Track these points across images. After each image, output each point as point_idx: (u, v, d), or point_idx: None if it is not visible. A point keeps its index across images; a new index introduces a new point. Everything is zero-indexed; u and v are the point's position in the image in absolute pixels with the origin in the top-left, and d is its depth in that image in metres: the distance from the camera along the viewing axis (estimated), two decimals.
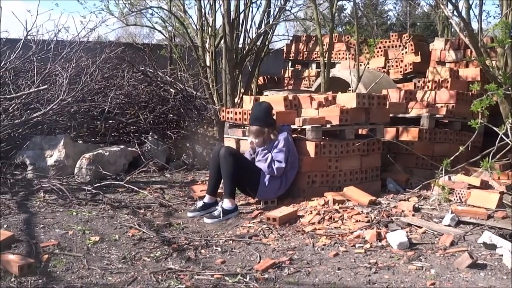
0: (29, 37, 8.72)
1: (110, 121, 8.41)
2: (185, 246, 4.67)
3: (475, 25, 7.44)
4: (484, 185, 5.98)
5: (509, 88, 6.14)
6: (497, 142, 5.75)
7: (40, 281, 3.80)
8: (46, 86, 7.74)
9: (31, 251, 4.35)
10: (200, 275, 3.99)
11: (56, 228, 5.06)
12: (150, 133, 8.65)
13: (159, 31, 12.19)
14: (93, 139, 8.43)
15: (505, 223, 4.93)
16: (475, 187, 5.90)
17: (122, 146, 7.93)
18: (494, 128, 5.77)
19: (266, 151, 5.94)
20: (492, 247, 4.38)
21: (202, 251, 4.58)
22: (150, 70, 9.88)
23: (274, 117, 6.12)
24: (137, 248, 4.61)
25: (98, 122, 8.26)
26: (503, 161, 6.77)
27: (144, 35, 33.78)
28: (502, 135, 5.67)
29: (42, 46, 8.93)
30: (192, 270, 4.07)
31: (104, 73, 9.01)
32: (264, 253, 4.51)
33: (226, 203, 5.63)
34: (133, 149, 8.10)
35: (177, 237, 4.94)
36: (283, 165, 5.84)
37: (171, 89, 9.55)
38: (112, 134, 8.37)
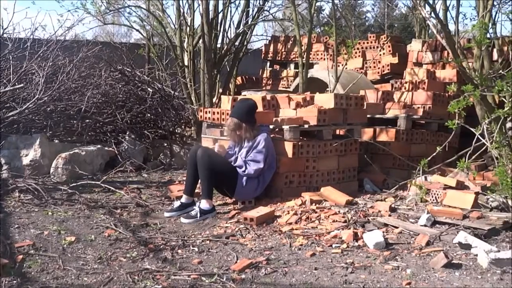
0: (5, 35, 8.63)
1: (87, 121, 8.34)
2: (161, 246, 4.64)
3: (452, 27, 7.50)
4: (460, 186, 6.03)
5: (485, 90, 6.19)
6: (473, 143, 5.79)
7: (15, 281, 3.75)
8: (22, 85, 7.67)
9: (6, 252, 4.29)
10: (177, 275, 3.97)
11: (31, 228, 5.00)
12: (127, 133, 8.60)
13: (137, 30, 12.17)
14: (69, 139, 8.35)
15: (480, 223, 4.97)
16: (451, 187, 5.94)
17: (99, 146, 7.87)
18: (471, 129, 5.82)
19: (247, 148, 5.94)
20: (467, 247, 4.41)
21: (179, 251, 4.55)
22: (128, 69, 9.82)
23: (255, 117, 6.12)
24: (113, 249, 4.58)
25: (75, 122, 8.19)
26: (478, 162, 6.83)
27: (122, 34, 33.66)
28: (479, 136, 5.72)
29: (19, 44, 8.83)
30: (169, 271, 4.05)
31: (81, 72, 8.94)
32: (241, 253, 4.50)
33: (204, 203, 5.61)
34: (110, 148, 8.05)
35: (153, 237, 4.91)
36: (261, 165, 5.84)
37: (148, 89, 9.50)
38: (89, 134, 8.31)
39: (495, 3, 7.38)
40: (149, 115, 9.36)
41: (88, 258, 4.34)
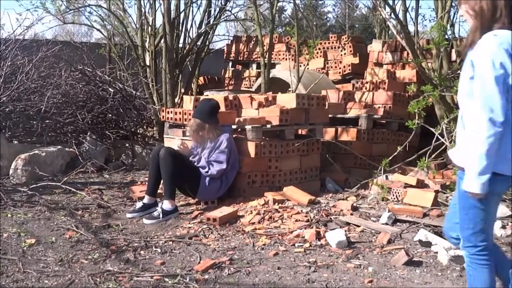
0: None
1: (47, 121, 8.23)
2: (124, 248, 4.61)
3: (411, 28, 7.61)
4: (420, 184, 6.12)
5: (444, 90, 6.30)
6: (433, 142, 5.89)
7: None
8: None
9: None
10: (139, 276, 3.95)
11: None
12: (88, 133, 8.51)
13: (98, 30, 12.02)
14: (29, 139, 8.23)
15: (440, 221, 5.04)
16: (411, 186, 6.02)
17: (59, 147, 7.78)
18: (430, 129, 5.91)
19: (209, 149, 5.93)
20: (428, 244, 4.48)
21: (142, 252, 4.53)
22: (89, 69, 9.72)
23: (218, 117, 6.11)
24: (75, 250, 4.53)
25: (35, 122, 8.07)
26: (438, 161, 6.93)
27: (82, 34, 33.30)
28: (438, 135, 5.81)
29: None
30: (131, 272, 4.03)
31: (40, 72, 8.81)
32: (204, 253, 4.49)
33: (166, 204, 5.58)
34: (71, 149, 7.95)
35: (115, 239, 4.87)
36: (224, 166, 5.84)
37: (110, 89, 9.42)
38: (49, 134, 8.19)
39: (453, 4, 7.50)
40: (110, 115, 9.27)
41: (48, 260, 4.28)
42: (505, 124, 2.69)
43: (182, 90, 10.67)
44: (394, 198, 5.86)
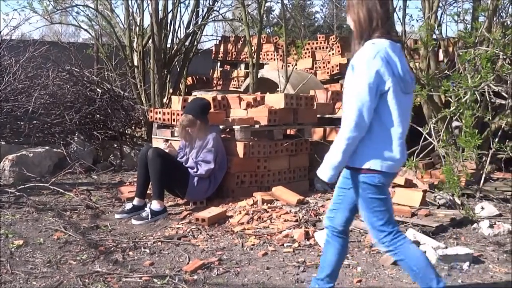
0: None
1: (35, 122, 8.19)
2: (112, 249, 4.59)
3: (399, 28, 7.62)
4: (408, 184, 6.14)
5: (432, 89, 6.32)
6: (421, 142, 5.91)
7: None
8: None
9: None
10: (128, 277, 3.93)
11: None
12: (76, 134, 8.48)
13: (85, 30, 11.96)
14: (16, 140, 8.19)
15: (428, 221, 5.07)
16: (399, 185, 6.04)
17: (47, 147, 7.75)
18: (418, 128, 5.93)
19: (197, 149, 5.93)
20: (416, 244, 4.49)
21: (130, 253, 4.51)
22: (76, 69, 9.68)
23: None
24: (63, 252, 4.51)
25: (22, 123, 8.03)
26: (426, 160, 6.96)
27: (70, 34, 33.17)
28: (426, 135, 5.83)
29: None
30: (120, 273, 4.01)
31: (28, 73, 8.77)
32: (193, 254, 4.49)
33: (155, 205, 5.57)
34: (59, 150, 7.92)
35: (104, 240, 4.86)
36: (212, 165, 5.83)
37: (97, 89, 9.39)
38: (37, 135, 8.15)
39: (440, 4, 7.53)
40: (98, 115, 9.24)
41: (37, 261, 4.26)
42: (374, 124, 2.97)
43: (171, 91, 10.66)
44: None
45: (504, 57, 5.97)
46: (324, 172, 3.14)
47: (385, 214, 3.09)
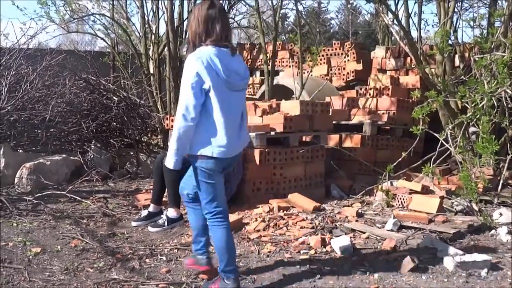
0: None
1: (52, 130, 8.24)
2: (129, 256, 4.61)
3: (414, 34, 7.61)
4: (425, 190, 6.11)
5: (448, 95, 6.29)
6: (437, 148, 5.88)
7: None
8: None
9: None
10: (145, 285, 3.95)
11: None
12: (93, 142, 8.52)
13: (102, 38, 12.05)
14: (34, 148, 8.24)
15: (445, 227, 5.04)
16: (416, 192, 6.02)
17: (64, 155, 7.79)
18: (435, 134, 5.91)
19: None
20: (433, 250, 4.47)
21: (147, 260, 4.53)
22: (93, 77, 9.73)
23: None
24: (80, 259, 4.54)
25: (39, 131, 8.08)
26: (443, 166, 6.92)
27: (86, 42, 33.33)
28: (442, 141, 5.80)
29: None
30: (137, 280, 4.03)
31: (45, 81, 8.82)
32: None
33: (171, 212, 5.56)
34: (76, 158, 7.97)
35: (121, 247, 4.88)
36: None
37: (114, 97, 9.43)
38: (54, 143, 8.20)
39: (455, 9, 7.50)
40: (115, 123, 9.28)
41: (54, 269, 4.29)
42: (203, 117, 3.57)
43: None
44: (399, 204, 5.85)
45: None
46: (168, 160, 3.66)
47: (211, 196, 3.74)
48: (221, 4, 3.90)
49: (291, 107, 6.58)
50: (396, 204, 5.89)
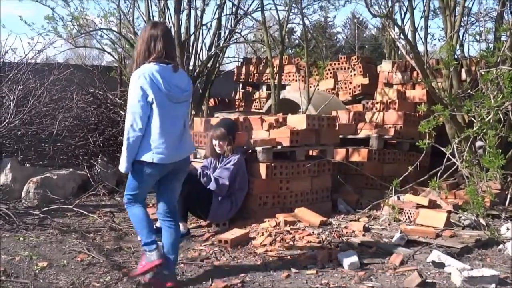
0: None
1: (59, 144, 8.27)
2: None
3: (421, 48, 7.62)
4: (432, 205, 6.09)
5: (455, 109, 6.29)
6: (444, 162, 5.87)
7: None
8: None
9: None
10: None
11: (2, 254, 4.93)
12: (100, 156, 8.53)
13: (109, 53, 12.08)
14: (41, 162, 8.27)
15: (453, 242, 5.02)
16: (423, 206, 6.00)
17: (71, 169, 7.81)
18: (441, 148, 5.90)
19: (220, 168, 5.95)
20: (441, 265, 4.45)
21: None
22: (100, 92, 9.77)
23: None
24: (87, 273, 4.53)
25: (46, 145, 8.11)
26: (450, 181, 6.90)
27: (93, 57, 33.45)
28: (449, 155, 5.79)
29: None
30: None
31: (52, 95, 8.87)
32: (216, 276, 4.47)
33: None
34: (82, 172, 7.98)
35: (127, 261, 4.87)
36: (225, 182, 5.83)
37: (121, 111, 9.46)
38: (61, 157, 8.22)
39: (462, 24, 7.51)
40: (121, 138, 9.27)
41: (60, 283, 4.29)
42: (149, 128, 4.01)
43: (193, 112, 10.70)
44: (406, 219, 5.83)
45: None
46: (121, 165, 4.12)
47: (135, 191, 4.17)
48: (165, 25, 4.37)
49: (297, 121, 6.58)
50: (403, 219, 5.87)
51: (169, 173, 4.23)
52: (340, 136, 7.26)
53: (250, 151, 6.35)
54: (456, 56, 7.08)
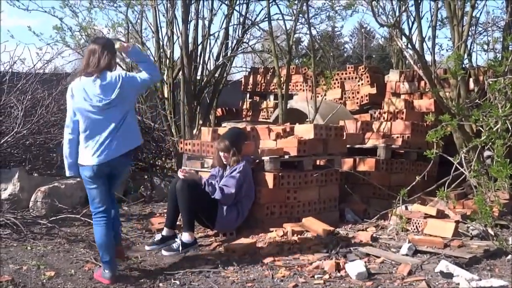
0: None
1: None
2: (142, 280, 4.60)
3: (428, 57, 7.62)
4: (440, 214, 6.06)
5: (463, 119, 6.27)
6: (452, 172, 5.84)
7: None
8: (0, 119, 7.61)
9: None
10: None
11: (10, 264, 4.95)
12: None
13: (117, 63, 12.11)
14: (49, 172, 8.29)
15: (461, 252, 5.00)
16: (431, 216, 5.98)
17: (78, 179, 7.78)
18: (449, 158, 5.88)
19: (226, 177, 5.94)
20: (449, 275, 4.43)
21: (160, 284, 4.52)
22: None
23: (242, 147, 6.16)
24: (94, 283, 4.54)
25: (54, 155, 8.13)
26: (458, 191, 6.87)
27: None
28: (457, 165, 5.77)
29: None
30: None
31: (60, 105, 8.88)
32: (223, 285, 4.47)
33: (185, 236, 5.56)
34: None
35: (134, 271, 4.87)
36: (232, 190, 5.80)
37: None
38: None
39: (469, 33, 7.50)
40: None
41: None
42: (76, 134, 4.59)
43: (200, 122, 10.71)
44: (414, 229, 5.82)
45: None
46: (66, 170, 4.74)
47: (95, 198, 4.63)
48: (105, 39, 4.94)
49: (305, 131, 6.58)
50: (411, 229, 5.85)
51: (109, 173, 4.67)
52: (348, 145, 7.25)
53: (257, 160, 6.34)
54: (463, 66, 7.06)
